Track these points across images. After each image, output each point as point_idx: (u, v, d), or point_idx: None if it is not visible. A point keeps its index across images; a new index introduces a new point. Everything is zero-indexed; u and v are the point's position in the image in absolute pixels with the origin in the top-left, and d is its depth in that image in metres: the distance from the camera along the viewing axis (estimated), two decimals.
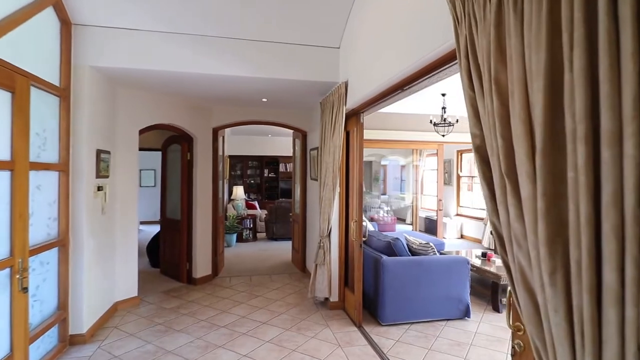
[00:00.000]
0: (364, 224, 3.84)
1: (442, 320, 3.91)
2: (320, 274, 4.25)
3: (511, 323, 1.54)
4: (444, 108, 5.57)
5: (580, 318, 1.01)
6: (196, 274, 5.23)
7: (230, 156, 11.02)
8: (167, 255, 5.57)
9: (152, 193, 10.48)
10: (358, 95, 3.44)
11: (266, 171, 12.15)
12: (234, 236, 7.97)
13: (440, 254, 4.43)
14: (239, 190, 9.21)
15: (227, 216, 7.91)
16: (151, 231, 8.09)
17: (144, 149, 5.76)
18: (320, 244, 4.24)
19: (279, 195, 11.95)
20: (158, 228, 6.00)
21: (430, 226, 9.09)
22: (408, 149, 9.68)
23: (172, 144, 5.55)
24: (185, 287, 5.06)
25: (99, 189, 3.74)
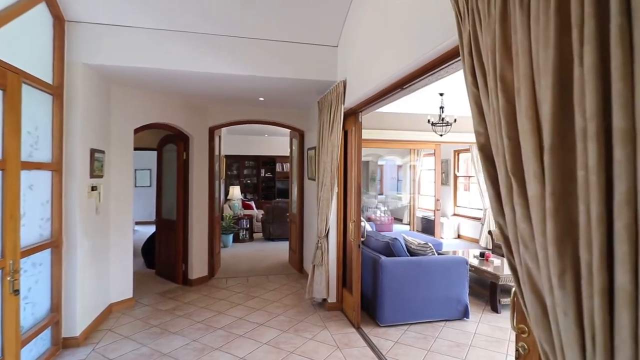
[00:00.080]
0: (362, 224, 3.81)
1: (441, 321, 3.89)
2: (318, 275, 4.21)
3: (515, 325, 1.52)
4: (442, 107, 5.55)
5: (591, 322, 0.98)
6: (192, 275, 5.17)
7: (227, 156, 10.96)
8: (163, 256, 5.51)
9: (148, 193, 10.41)
10: (357, 94, 3.41)
11: (263, 171, 12.10)
12: (231, 236, 7.92)
13: (439, 254, 4.40)
14: (235, 190, 9.16)
15: (224, 216, 7.85)
16: (147, 232, 8.01)
17: (139, 148, 5.70)
18: (318, 245, 4.20)
19: (276, 195, 11.90)
20: (153, 228, 5.93)
21: (428, 226, 9.08)
22: (405, 149, 9.67)
23: (168, 144, 5.49)
24: (181, 289, 5.00)
25: (93, 189, 3.68)
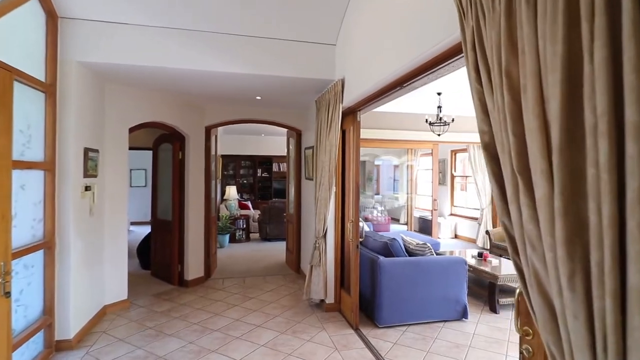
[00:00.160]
0: (360, 224, 3.77)
1: (440, 321, 3.86)
2: (316, 276, 4.17)
3: (519, 327, 1.49)
4: (439, 107, 5.53)
5: (602, 324, 0.95)
6: (188, 275, 5.11)
7: (223, 156, 10.89)
8: (158, 256, 5.44)
9: (143, 193, 10.31)
10: (355, 92, 3.37)
11: (259, 171, 12.04)
12: (227, 237, 7.86)
13: (437, 254, 4.38)
14: (231, 191, 9.09)
15: (220, 216, 7.79)
16: (142, 232, 7.93)
17: (134, 148, 5.62)
18: (316, 245, 4.16)
19: (272, 196, 11.85)
20: (149, 229, 5.86)
21: (424, 226, 9.07)
22: (402, 148, 9.66)
23: (164, 143, 5.43)
24: (176, 290, 4.94)
25: (87, 189, 3.62)
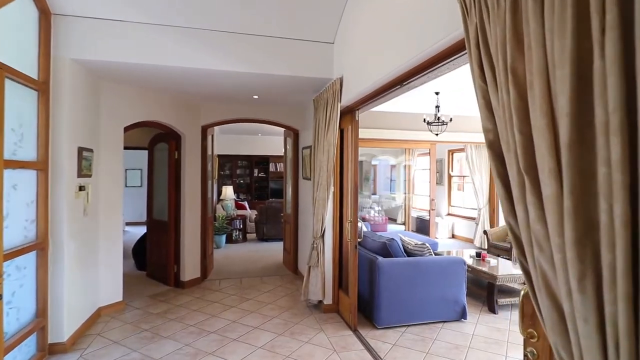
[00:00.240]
0: (359, 224, 3.74)
1: (439, 322, 3.83)
2: (314, 276, 4.13)
3: (523, 329, 1.46)
4: (437, 107, 5.51)
5: (614, 328, 0.92)
6: (184, 276, 5.05)
7: (219, 155, 10.82)
8: (154, 257, 5.38)
9: (139, 193, 10.23)
10: (354, 91, 3.33)
11: (256, 171, 11.98)
12: (223, 237, 7.80)
13: (435, 254, 4.36)
14: (228, 191, 9.03)
15: (216, 217, 7.73)
16: (137, 232, 7.85)
17: (129, 147, 5.56)
18: (314, 245, 4.12)
19: (269, 196, 11.80)
20: (144, 229, 5.80)
21: (422, 226, 9.06)
22: (399, 148, 9.64)
23: (159, 143, 5.36)
24: (172, 291, 4.88)
25: (81, 189, 3.55)
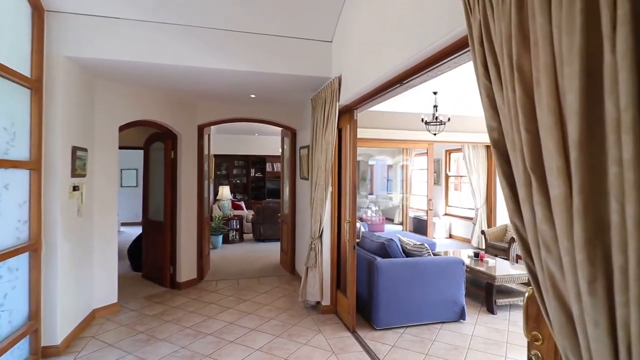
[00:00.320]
0: (357, 224, 3.71)
1: (438, 323, 3.81)
2: (312, 277, 4.09)
3: (527, 332, 1.43)
4: (435, 106, 5.49)
5: (626, 332, 0.89)
6: (180, 277, 5.00)
7: (216, 155, 10.76)
8: (150, 258, 5.32)
9: (134, 193, 10.14)
10: (352, 90, 3.30)
11: (252, 171, 11.93)
12: (220, 237, 7.74)
13: (433, 254, 4.33)
14: (225, 191, 8.97)
15: (213, 217, 7.67)
16: (133, 233, 7.78)
17: (125, 147, 5.50)
18: (312, 246, 4.08)
19: (266, 196, 11.74)
20: (140, 230, 5.73)
21: (419, 226, 9.05)
22: (396, 148, 9.63)
23: (155, 142, 5.30)
24: (168, 292, 4.82)
25: (75, 188, 3.49)
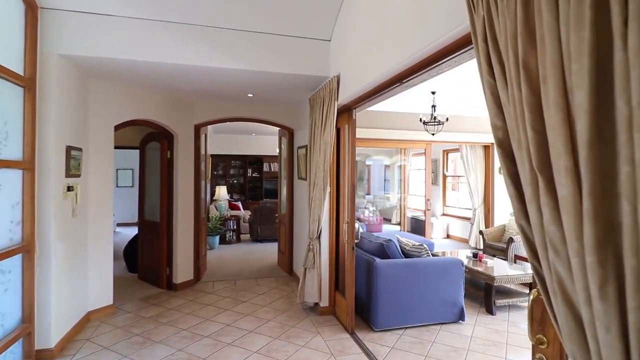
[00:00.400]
0: (356, 225, 3.67)
1: (437, 324, 3.78)
2: (310, 278, 4.05)
3: (532, 335, 1.41)
4: (433, 106, 5.47)
5: (639, 338, 0.86)
6: (177, 279, 4.94)
7: (213, 155, 10.69)
8: (146, 259, 5.26)
9: (130, 193, 10.06)
10: (351, 89, 3.27)
11: (250, 171, 11.88)
12: (217, 238, 7.69)
13: (432, 255, 4.30)
14: (221, 191, 8.91)
15: (210, 217, 7.62)
16: (129, 233, 7.71)
17: (120, 147, 5.44)
18: (310, 247, 4.04)
19: (263, 196, 11.69)
20: (136, 230, 5.67)
21: (417, 226, 9.03)
22: (393, 148, 9.61)
23: (151, 142, 5.24)
24: (165, 294, 4.77)
25: (69, 189, 3.44)
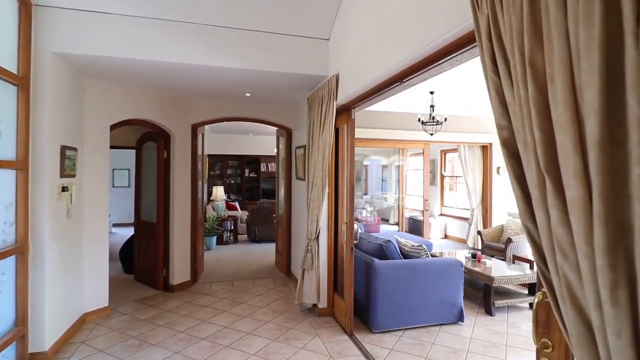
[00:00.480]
0: (355, 226, 3.64)
1: (436, 325, 3.76)
2: (308, 279, 4.02)
3: (536, 339, 1.38)
4: (432, 106, 5.45)
5: None
6: (173, 280, 4.90)
7: (210, 155, 10.64)
8: (142, 260, 5.20)
9: (127, 193, 9.98)
10: (350, 89, 3.24)
11: (247, 171, 11.82)
12: (214, 238, 7.64)
13: (431, 256, 4.28)
14: (219, 191, 8.86)
15: (207, 218, 7.56)
16: (125, 234, 7.64)
17: (116, 146, 5.38)
18: (308, 248, 4.01)
19: (260, 196, 11.65)
20: (132, 231, 5.61)
21: (414, 226, 9.01)
22: (390, 148, 9.59)
23: (148, 142, 5.19)
24: (161, 295, 4.72)
25: (64, 189, 3.38)
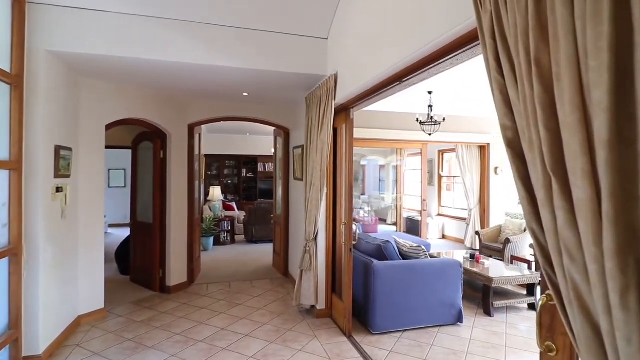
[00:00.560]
0: (354, 226, 3.62)
1: (435, 326, 3.74)
2: (306, 281, 3.99)
3: (541, 343, 1.36)
4: (430, 106, 5.44)
5: None
6: (170, 281, 4.85)
7: (207, 155, 10.58)
8: (138, 261, 5.15)
9: (123, 194, 9.90)
10: (349, 89, 3.21)
11: (244, 171, 11.77)
12: (211, 239, 7.59)
13: (430, 256, 4.26)
14: (216, 191, 8.81)
15: (204, 218, 7.51)
16: (121, 235, 7.57)
17: (112, 146, 5.32)
18: (306, 248, 3.98)
19: (258, 196, 11.60)
20: (128, 231, 5.56)
21: (412, 226, 9.00)
22: (388, 148, 9.58)
23: (144, 141, 5.14)
24: (158, 297, 4.67)
25: (58, 190, 3.33)
